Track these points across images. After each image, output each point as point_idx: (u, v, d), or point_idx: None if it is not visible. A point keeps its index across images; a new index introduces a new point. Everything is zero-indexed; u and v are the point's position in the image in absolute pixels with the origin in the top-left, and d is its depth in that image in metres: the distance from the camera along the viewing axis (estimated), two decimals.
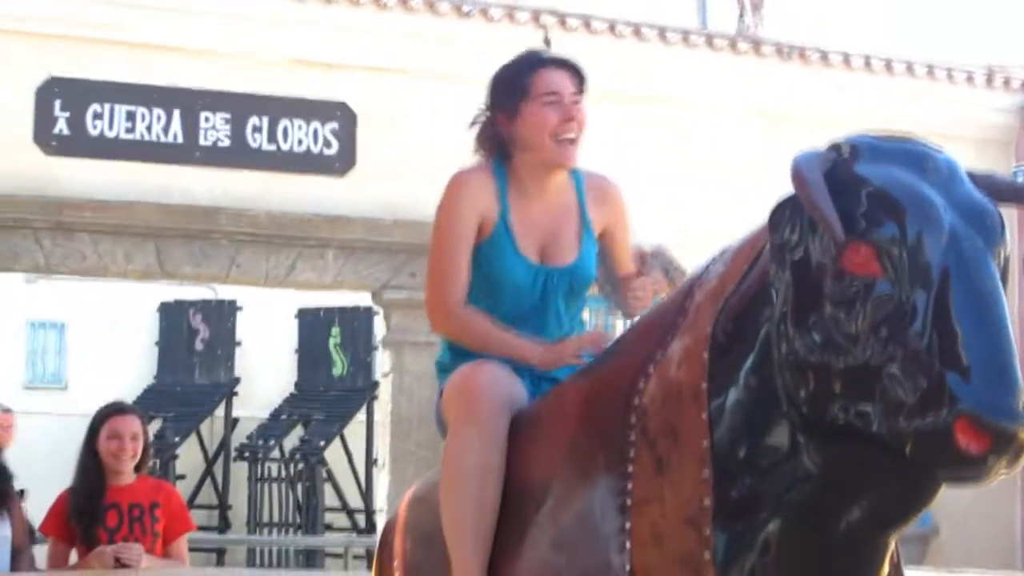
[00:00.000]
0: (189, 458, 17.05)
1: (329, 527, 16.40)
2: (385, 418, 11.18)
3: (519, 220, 3.37)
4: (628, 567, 2.72)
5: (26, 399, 15.24)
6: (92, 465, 5.93)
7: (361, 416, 16.64)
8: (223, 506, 17.21)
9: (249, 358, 17.87)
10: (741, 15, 12.46)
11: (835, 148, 2.57)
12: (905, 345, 2.37)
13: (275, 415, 17.52)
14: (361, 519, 16.34)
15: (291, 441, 16.94)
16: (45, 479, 8.71)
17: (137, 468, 6.02)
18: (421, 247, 10.44)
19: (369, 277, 10.73)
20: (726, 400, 2.68)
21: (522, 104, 3.37)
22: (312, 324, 17.52)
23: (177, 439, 16.53)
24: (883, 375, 2.39)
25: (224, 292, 17.25)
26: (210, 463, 17.44)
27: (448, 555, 3.14)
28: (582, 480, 2.91)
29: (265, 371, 17.87)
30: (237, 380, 17.62)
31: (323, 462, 16.32)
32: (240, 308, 17.67)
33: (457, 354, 3.43)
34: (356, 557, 13.44)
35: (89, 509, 5.85)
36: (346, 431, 16.74)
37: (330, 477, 16.41)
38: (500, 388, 3.18)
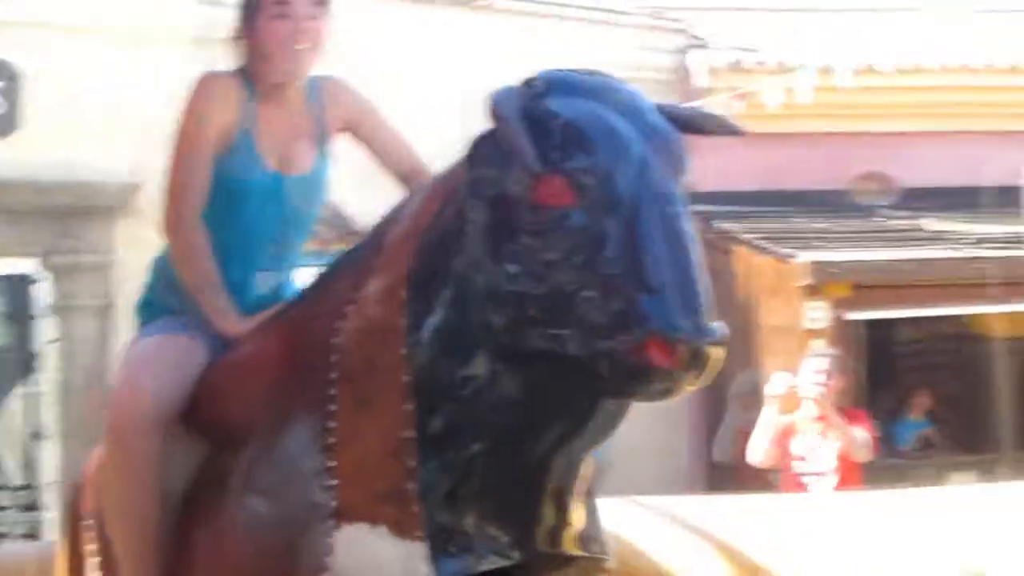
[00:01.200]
0: None
1: None
2: (51, 388, 10.83)
3: (263, 129, 3.32)
4: (334, 504, 2.75)
5: None
6: None
7: (22, 389, 15.99)
8: None
9: None
10: None
11: (530, 83, 2.65)
12: (598, 271, 2.49)
13: None
14: (24, 496, 15.74)
15: None
16: None
17: None
18: (88, 209, 10.24)
19: (34, 242, 10.32)
20: (424, 334, 2.73)
21: (256, 18, 3.29)
22: None
23: None
24: (578, 300, 2.49)
25: None
26: None
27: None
28: (283, 424, 2.92)
29: None
30: None
31: None
32: None
33: (156, 306, 3.42)
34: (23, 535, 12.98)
35: None
36: (6, 405, 16.05)
37: None
38: (150, 415, 3.15)
